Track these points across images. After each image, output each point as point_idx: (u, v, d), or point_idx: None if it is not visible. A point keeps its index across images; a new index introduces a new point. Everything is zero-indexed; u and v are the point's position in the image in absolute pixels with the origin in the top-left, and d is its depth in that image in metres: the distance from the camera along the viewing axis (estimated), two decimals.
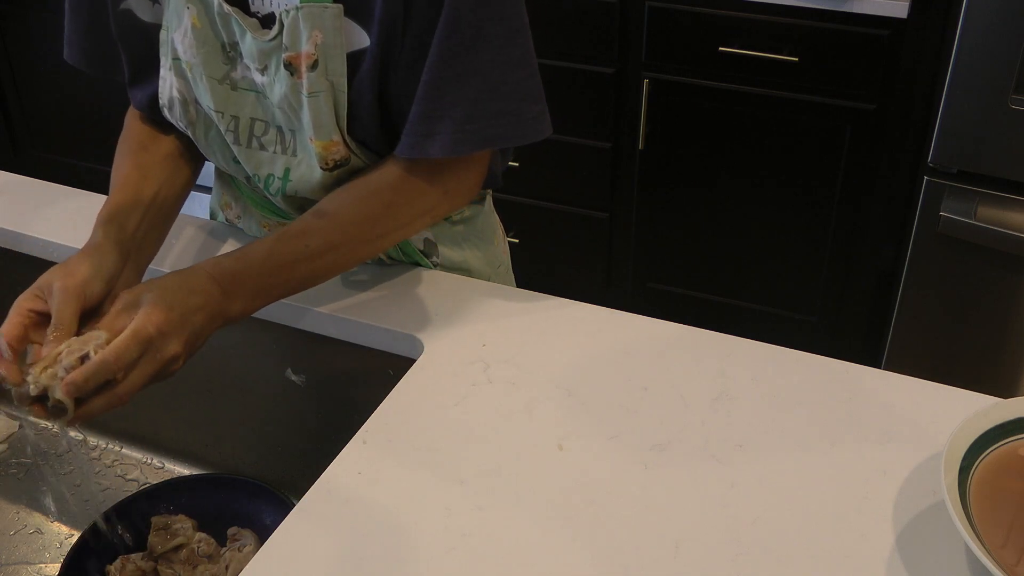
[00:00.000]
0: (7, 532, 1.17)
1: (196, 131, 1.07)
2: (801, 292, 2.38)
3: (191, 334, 0.88)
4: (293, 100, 0.99)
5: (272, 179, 1.06)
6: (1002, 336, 2.07)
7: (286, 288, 0.98)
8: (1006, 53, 1.83)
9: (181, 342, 0.87)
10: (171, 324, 0.86)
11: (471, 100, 0.95)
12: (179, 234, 1.21)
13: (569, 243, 2.55)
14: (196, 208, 2.88)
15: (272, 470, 1.19)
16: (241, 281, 0.93)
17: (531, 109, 0.99)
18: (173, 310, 0.86)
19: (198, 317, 0.89)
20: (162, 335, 0.85)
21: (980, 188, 1.96)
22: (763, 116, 2.20)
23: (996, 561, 0.72)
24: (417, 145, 0.97)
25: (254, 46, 0.98)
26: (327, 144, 1.00)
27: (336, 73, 0.97)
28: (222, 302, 0.91)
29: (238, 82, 1.02)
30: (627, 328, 1.05)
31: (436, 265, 1.18)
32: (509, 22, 0.95)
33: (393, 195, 1.01)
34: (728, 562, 0.80)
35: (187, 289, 0.89)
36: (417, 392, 0.97)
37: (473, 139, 0.97)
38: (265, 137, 1.04)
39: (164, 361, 0.86)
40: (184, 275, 0.91)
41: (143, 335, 0.84)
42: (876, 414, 0.93)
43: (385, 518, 0.84)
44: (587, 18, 2.24)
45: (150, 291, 0.87)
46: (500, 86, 0.96)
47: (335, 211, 0.99)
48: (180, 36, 1.02)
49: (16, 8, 2.85)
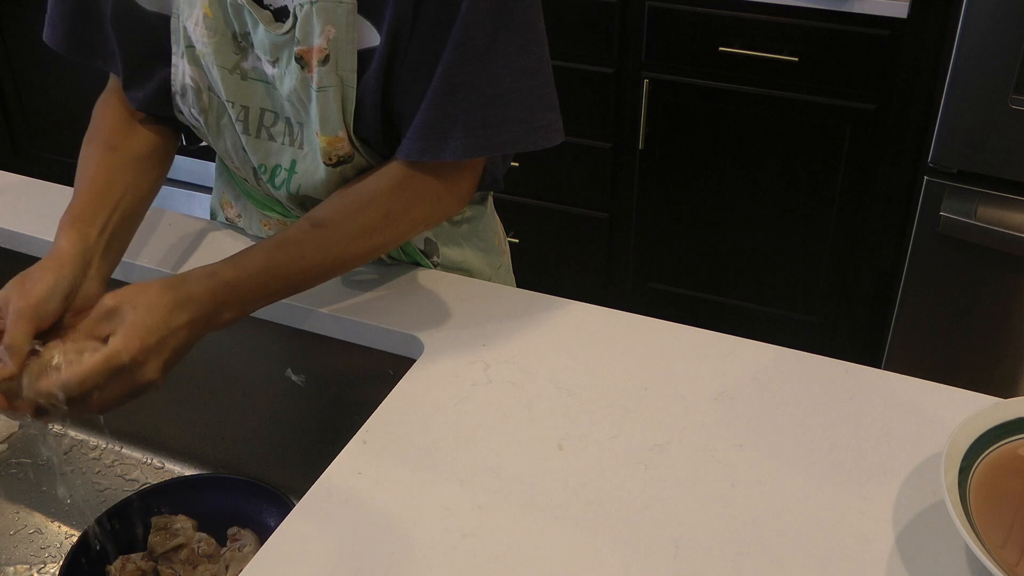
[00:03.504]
0: (7, 532, 1.17)
1: (209, 118, 1.07)
2: (801, 292, 2.38)
3: (171, 354, 0.87)
4: (302, 93, 0.99)
5: (279, 170, 1.06)
6: (1002, 336, 2.07)
7: (278, 296, 0.97)
8: (1006, 53, 1.83)
9: (157, 367, 0.86)
10: (147, 351, 0.85)
11: (482, 106, 0.96)
12: (179, 234, 1.21)
13: (569, 243, 2.55)
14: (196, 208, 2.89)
15: (272, 470, 1.19)
16: (236, 291, 0.92)
17: (543, 117, 0.99)
18: (152, 334, 0.85)
19: (181, 334, 0.88)
20: (136, 363, 0.84)
21: (980, 188, 1.96)
22: (763, 116, 2.20)
23: (996, 561, 0.72)
24: (428, 149, 0.98)
25: (266, 38, 0.99)
26: (332, 140, 1.00)
27: (346, 69, 0.97)
28: (212, 313, 0.90)
29: (248, 72, 1.02)
30: (627, 328, 1.05)
31: (436, 265, 1.18)
32: (524, 31, 0.96)
33: (392, 203, 1.00)
34: (728, 562, 0.80)
35: (173, 304, 0.87)
36: (417, 392, 0.97)
37: (484, 144, 0.97)
38: (274, 128, 1.05)
39: (136, 386, 0.85)
40: (174, 287, 0.89)
41: (114, 363, 0.83)
42: (876, 414, 0.93)
43: (385, 518, 0.84)
44: (587, 18, 2.24)
45: (133, 307, 0.86)
46: (511, 93, 0.96)
47: (333, 221, 0.99)
48: (192, 24, 1.02)
49: (16, 8, 2.85)
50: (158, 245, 1.19)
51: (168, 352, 0.87)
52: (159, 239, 1.20)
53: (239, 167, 1.12)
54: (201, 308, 0.89)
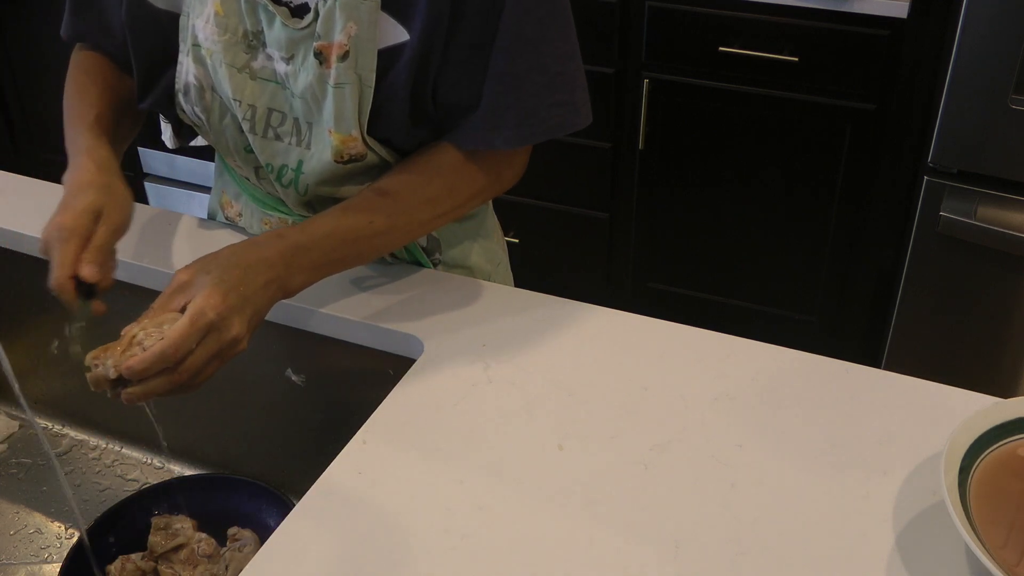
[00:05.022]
0: (7, 532, 1.17)
1: (211, 117, 1.07)
2: (801, 292, 2.38)
3: (253, 312, 0.88)
4: (318, 90, 1.00)
5: (285, 170, 1.07)
6: (1002, 336, 2.07)
7: (345, 263, 0.99)
8: (1006, 53, 1.83)
9: (243, 322, 0.87)
10: (230, 307, 0.86)
11: (533, 94, 0.99)
12: (179, 234, 1.21)
13: (569, 243, 2.55)
14: (196, 208, 2.89)
15: (272, 470, 1.19)
16: (305, 253, 0.94)
17: (582, 97, 1.04)
18: (232, 292, 0.86)
19: (260, 295, 0.89)
20: (221, 319, 0.85)
21: (980, 188, 1.96)
22: (763, 116, 2.20)
23: (996, 561, 0.72)
24: (482, 138, 1.01)
25: (283, 34, 0.99)
26: (345, 138, 1.01)
27: (365, 68, 0.98)
28: (284, 276, 0.92)
29: (258, 71, 1.03)
30: (627, 328, 1.05)
31: (438, 263, 1.18)
32: (563, 16, 1.00)
33: (453, 177, 1.04)
34: (728, 562, 0.80)
35: (246, 265, 0.89)
36: (417, 392, 0.97)
37: (537, 131, 1.01)
38: (282, 128, 1.05)
39: (225, 343, 0.86)
40: (245, 250, 0.91)
41: (201, 322, 0.84)
42: (876, 414, 0.93)
43: (385, 518, 0.84)
44: (587, 18, 2.23)
45: (207, 272, 0.87)
46: (558, 79, 1.00)
47: (399, 191, 1.01)
48: (202, 23, 1.02)
49: (16, 8, 2.85)
50: (158, 245, 1.19)
51: (250, 310, 0.88)
52: (159, 239, 1.20)
53: (240, 166, 1.12)
54: (274, 270, 0.91)
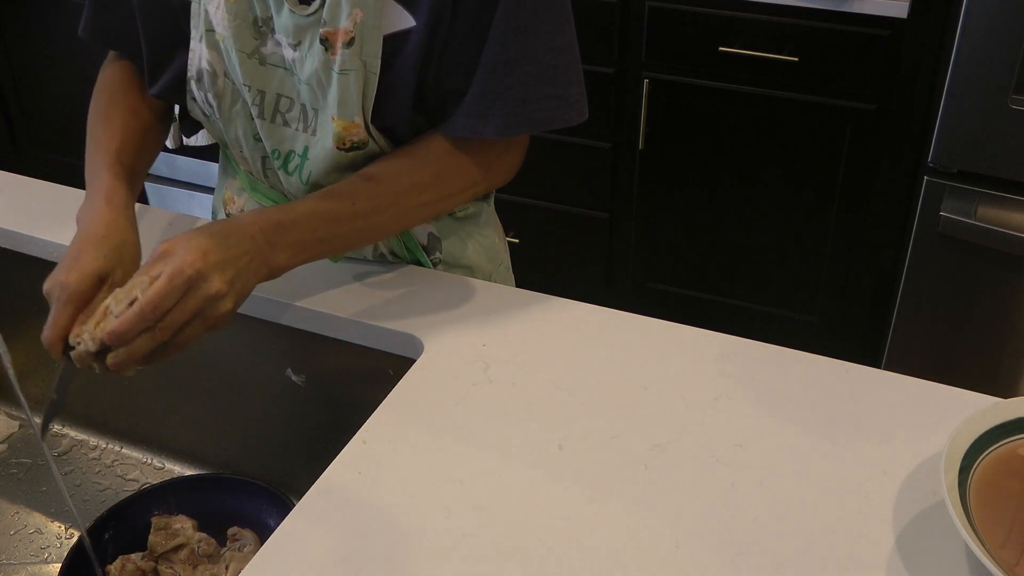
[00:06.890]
0: (7, 532, 1.17)
1: (223, 103, 1.08)
2: (801, 292, 2.38)
3: (235, 274, 0.89)
4: (323, 76, 1.00)
5: (292, 156, 1.07)
6: (1002, 336, 2.07)
7: (329, 246, 0.99)
8: (1006, 53, 1.83)
9: (224, 280, 0.87)
10: (210, 265, 0.86)
11: (524, 84, 0.99)
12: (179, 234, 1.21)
13: (569, 243, 2.55)
14: (196, 208, 2.89)
15: (272, 470, 1.19)
16: (285, 231, 0.94)
17: (576, 92, 1.03)
18: (211, 253, 0.87)
19: (243, 260, 0.90)
20: (200, 275, 0.86)
21: (980, 188, 1.96)
22: (763, 116, 2.20)
23: (996, 561, 0.72)
24: (470, 126, 1.01)
25: (290, 20, 1.00)
26: (348, 125, 1.01)
27: (370, 54, 0.98)
28: (266, 251, 0.92)
29: (267, 57, 1.03)
30: (627, 328, 1.05)
31: (438, 263, 1.18)
32: (560, 9, 1.00)
33: (441, 166, 1.04)
34: (728, 562, 0.80)
35: (226, 235, 0.90)
36: (417, 392, 0.97)
37: (525, 122, 1.01)
38: (289, 114, 1.05)
39: (206, 299, 0.86)
40: (226, 223, 0.92)
41: (179, 279, 0.85)
42: (876, 414, 0.93)
43: (385, 518, 0.84)
44: (587, 18, 2.23)
45: (188, 240, 0.88)
46: (550, 70, 1.00)
47: (383, 175, 1.01)
48: (214, 8, 1.03)
49: (16, 8, 2.85)
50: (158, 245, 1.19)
51: (231, 271, 0.88)
52: (159, 239, 1.20)
53: (247, 156, 1.12)
54: (254, 242, 0.91)
